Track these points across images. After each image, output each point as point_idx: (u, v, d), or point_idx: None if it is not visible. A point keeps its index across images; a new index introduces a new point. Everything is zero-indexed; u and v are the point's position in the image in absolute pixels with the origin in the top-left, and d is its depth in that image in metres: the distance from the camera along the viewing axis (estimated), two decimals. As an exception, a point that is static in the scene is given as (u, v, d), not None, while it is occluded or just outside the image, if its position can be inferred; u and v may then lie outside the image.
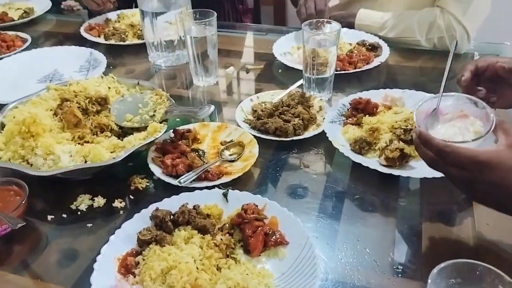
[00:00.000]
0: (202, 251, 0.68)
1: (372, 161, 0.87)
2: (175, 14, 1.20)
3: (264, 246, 0.70)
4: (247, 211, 0.73)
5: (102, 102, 1.00)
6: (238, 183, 0.85)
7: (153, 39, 1.25)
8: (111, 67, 1.30)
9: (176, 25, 1.22)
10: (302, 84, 1.12)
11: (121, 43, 1.39)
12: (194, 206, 0.76)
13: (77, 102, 0.96)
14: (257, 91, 1.18)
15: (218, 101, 1.17)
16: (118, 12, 1.56)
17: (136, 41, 1.40)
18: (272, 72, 1.28)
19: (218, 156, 0.91)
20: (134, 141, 0.87)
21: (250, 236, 0.70)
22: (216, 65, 1.19)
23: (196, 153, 0.91)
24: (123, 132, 0.96)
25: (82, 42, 1.43)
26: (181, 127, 0.97)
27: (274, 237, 0.70)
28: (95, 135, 0.93)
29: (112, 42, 1.39)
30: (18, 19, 1.62)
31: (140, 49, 1.40)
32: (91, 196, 0.83)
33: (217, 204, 0.77)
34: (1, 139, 0.89)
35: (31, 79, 1.23)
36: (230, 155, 0.92)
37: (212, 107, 0.88)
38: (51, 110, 0.96)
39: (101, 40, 1.41)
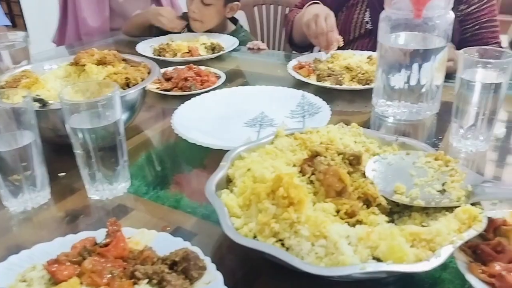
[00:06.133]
0: None
1: None
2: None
3: None
4: None
5: (354, 162, 0.71)
6: None
7: (400, 84, 0.95)
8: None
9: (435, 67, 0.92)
10: None
11: (337, 86, 1.12)
12: None
13: (332, 159, 0.68)
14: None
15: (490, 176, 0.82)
16: (332, 52, 1.31)
17: (356, 86, 1.12)
18: None
19: None
20: (447, 233, 0.54)
21: None
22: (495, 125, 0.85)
23: (534, 264, 0.55)
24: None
25: (281, 82, 1.20)
26: (495, 216, 0.62)
27: None
28: (358, 211, 0.62)
29: (327, 84, 1.13)
30: (206, 54, 1.48)
31: (356, 96, 1.13)
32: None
33: None
34: (235, 200, 0.62)
35: (236, 121, 1.00)
36: None
37: None
38: (294, 165, 0.69)
39: (312, 81, 1.16)
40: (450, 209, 0.60)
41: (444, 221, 0.56)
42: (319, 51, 1.37)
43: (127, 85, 0.93)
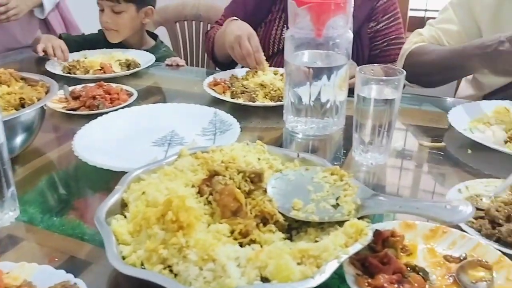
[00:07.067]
0: None
1: None
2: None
3: None
4: None
5: (256, 179, 0.71)
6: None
7: (306, 101, 0.98)
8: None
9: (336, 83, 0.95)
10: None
11: (250, 103, 1.13)
12: None
13: (230, 178, 0.67)
14: (440, 177, 0.88)
15: (389, 188, 0.86)
16: (246, 68, 1.33)
17: (269, 102, 1.14)
18: (456, 153, 0.96)
19: (455, 281, 0.58)
20: (333, 248, 0.55)
21: None
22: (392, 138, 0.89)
23: (418, 274, 0.58)
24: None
25: (197, 99, 1.19)
26: (382, 227, 0.64)
27: None
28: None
29: (241, 101, 1.13)
30: (121, 71, 1.43)
31: (269, 112, 1.14)
32: None
33: None
34: (126, 227, 0.60)
35: (144, 141, 0.97)
36: (474, 282, 0.57)
37: (471, 209, 0.55)
38: (192, 186, 0.68)
39: (226, 98, 1.16)
40: (342, 223, 0.62)
41: (332, 236, 0.57)
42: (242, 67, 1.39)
43: (22, 105, 0.87)
